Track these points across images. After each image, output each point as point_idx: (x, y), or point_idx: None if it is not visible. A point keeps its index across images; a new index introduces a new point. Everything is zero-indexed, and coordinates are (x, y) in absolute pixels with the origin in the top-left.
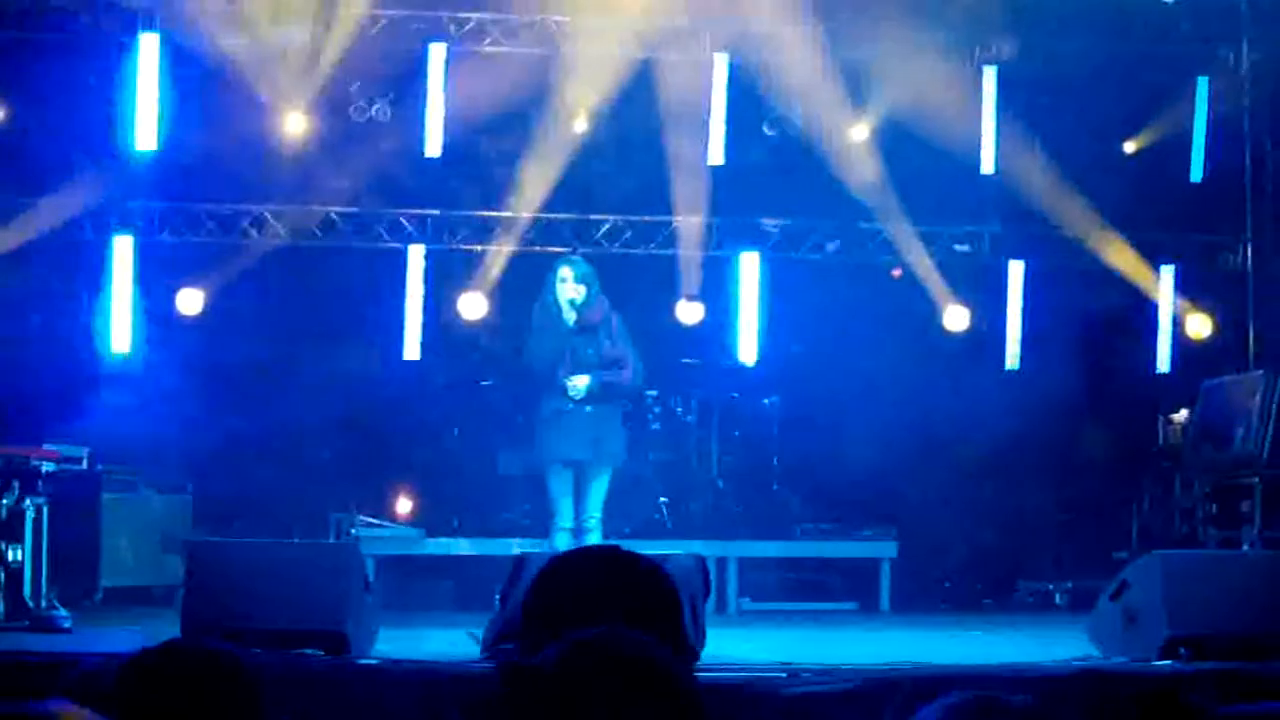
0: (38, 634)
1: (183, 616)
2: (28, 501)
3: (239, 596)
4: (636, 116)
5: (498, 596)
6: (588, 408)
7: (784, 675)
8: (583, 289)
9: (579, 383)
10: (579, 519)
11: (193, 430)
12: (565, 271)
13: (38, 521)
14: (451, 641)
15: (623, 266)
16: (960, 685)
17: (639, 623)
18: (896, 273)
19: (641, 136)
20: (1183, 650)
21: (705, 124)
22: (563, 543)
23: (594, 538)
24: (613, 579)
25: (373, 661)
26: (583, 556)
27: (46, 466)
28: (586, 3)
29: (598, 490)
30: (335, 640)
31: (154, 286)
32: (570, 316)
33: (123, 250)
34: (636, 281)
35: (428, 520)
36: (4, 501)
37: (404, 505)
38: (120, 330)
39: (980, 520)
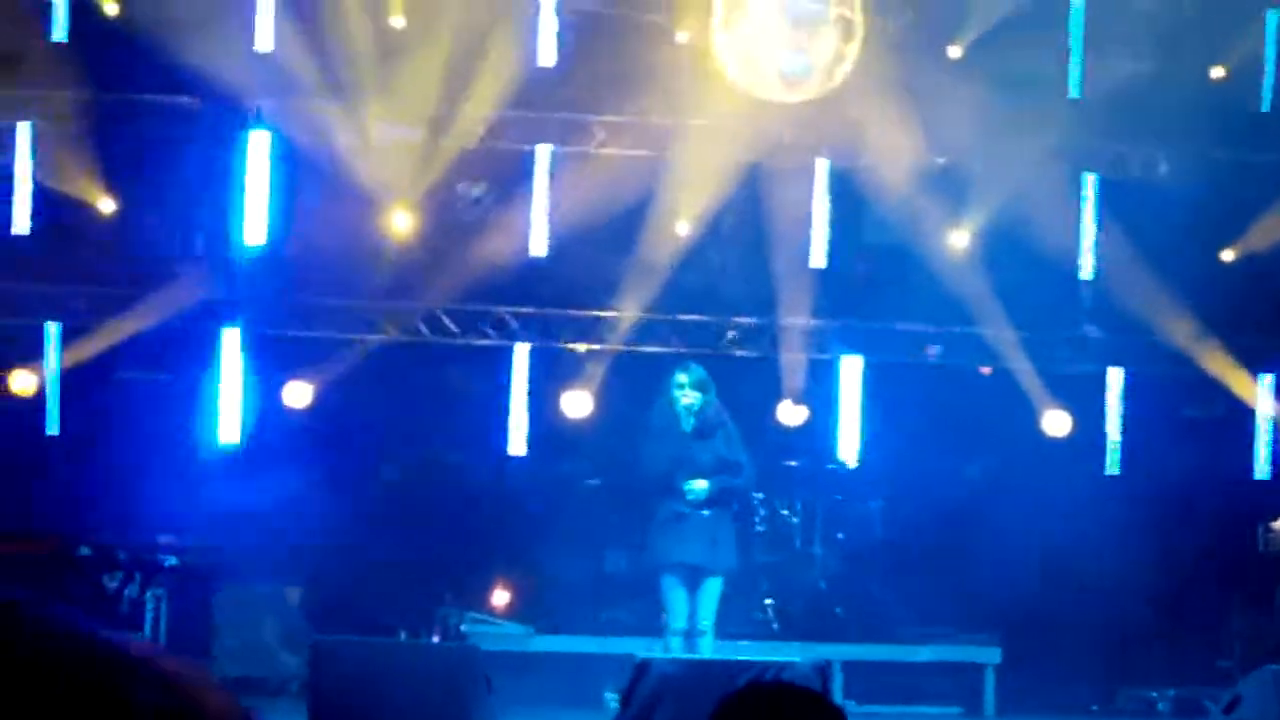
0: None
1: (309, 713)
2: (149, 594)
3: (363, 697)
4: (740, 219)
5: (615, 697)
6: (705, 511)
7: None
8: (698, 395)
9: (699, 485)
10: (692, 622)
11: (300, 522)
12: (682, 378)
13: (157, 613)
14: None
15: (726, 368)
16: None
17: None
18: (986, 370)
19: (745, 239)
20: None
21: (807, 228)
22: (676, 646)
23: (707, 641)
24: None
25: None
26: (764, 696)
27: (170, 561)
28: (691, 107)
29: (711, 594)
30: None
31: (262, 379)
32: (688, 421)
33: (231, 343)
34: (739, 383)
35: (533, 617)
36: (126, 593)
37: (509, 601)
38: (229, 422)
39: (1082, 625)
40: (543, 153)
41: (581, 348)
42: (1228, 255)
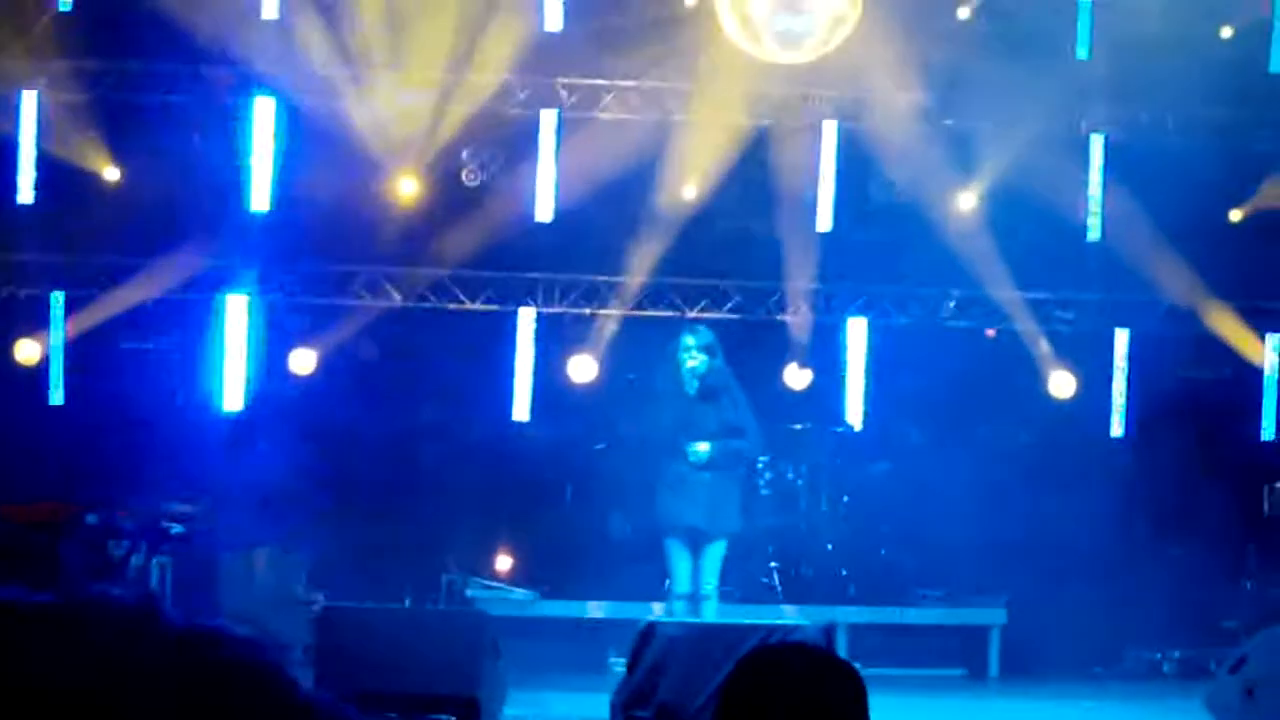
0: None
1: (315, 679)
2: (154, 561)
3: (371, 661)
4: (746, 182)
5: (623, 661)
6: (706, 474)
7: None
8: (704, 358)
9: (701, 448)
10: (695, 585)
11: (304, 488)
12: (689, 340)
13: (161, 581)
14: (576, 706)
15: (731, 331)
16: None
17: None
18: (991, 333)
19: (751, 202)
20: None
21: (814, 190)
22: (680, 610)
23: (710, 605)
24: (810, 681)
25: None
26: (778, 657)
27: (175, 529)
28: (698, 70)
29: (714, 558)
30: (467, 706)
31: (267, 346)
32: (693, 385)
33: (236, 310)
34: (745, 347)
35: (538, 582)
36: (132, 561)
37: (514, 567)
38: (233, 389)
39: (1087, 587)
40: (548, 117)
41: (587, 312)
42: (1236, 215)
